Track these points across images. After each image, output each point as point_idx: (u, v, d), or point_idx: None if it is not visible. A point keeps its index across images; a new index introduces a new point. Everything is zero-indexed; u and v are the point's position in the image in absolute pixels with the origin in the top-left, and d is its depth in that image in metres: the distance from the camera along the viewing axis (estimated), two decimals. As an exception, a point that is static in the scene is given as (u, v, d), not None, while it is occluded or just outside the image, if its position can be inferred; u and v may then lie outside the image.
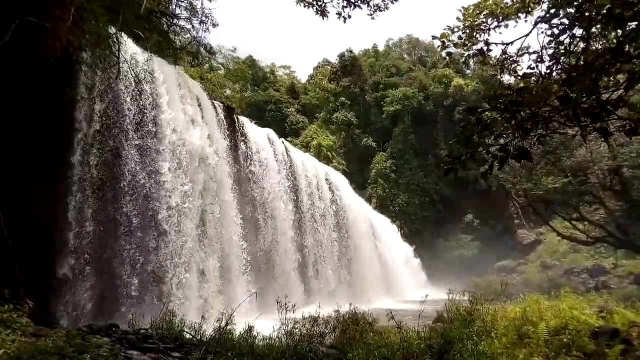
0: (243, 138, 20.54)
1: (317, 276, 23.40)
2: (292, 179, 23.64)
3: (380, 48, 60.69)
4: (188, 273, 13.80)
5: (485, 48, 5.76)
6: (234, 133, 19.78)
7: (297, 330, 7.02)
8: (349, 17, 8.03)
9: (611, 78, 4.27)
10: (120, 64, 10.59)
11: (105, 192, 12.51)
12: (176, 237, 13.70)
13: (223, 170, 17.17)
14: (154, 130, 14.05)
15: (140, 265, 12.80)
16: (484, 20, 5.93)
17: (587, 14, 4.24)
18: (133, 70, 13.12)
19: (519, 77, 5.10)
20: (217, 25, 19.21)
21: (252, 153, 20.73)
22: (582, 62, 4.34)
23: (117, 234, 12.63)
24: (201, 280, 14.49)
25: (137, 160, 13.40)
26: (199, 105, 16.90)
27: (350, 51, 51.50)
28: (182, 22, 18.18)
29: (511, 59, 5.72)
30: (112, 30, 9.78)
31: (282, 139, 25.65)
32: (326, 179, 27.68)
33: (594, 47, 4.66)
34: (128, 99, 13.40)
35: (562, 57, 4.57)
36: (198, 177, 15.25)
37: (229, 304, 13.23)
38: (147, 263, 12.99)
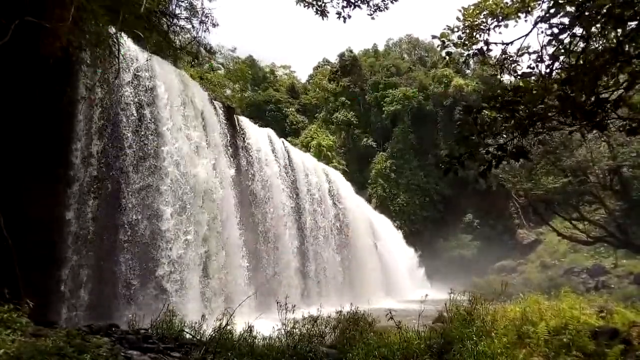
0: (243, 138, 20.57)
1: (317, 276, 23.41)
2: (292, 178, 23.66)
3: (380, 48, 60.63)
4: (188, 273, 13.80)
5: (485, 48, 5.75)
6: (234, 133, 19.81)
7: (297, 330, 7.01)
8: (349, 17, 7.99)
9: (611, 78, 4.27)
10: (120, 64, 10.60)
11: (106, 192, 12.51)
12: (178, 238, 13.69)
13: (225, 172, 17.20)
14: (155, 130, 14.07)
15: (140, 265, 12.80)
16: (484, 20, 5.91)
17: (587, 13, 4.23)
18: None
19: (519, 77, 5.09)
20: (217, 25, 19.25)
21: (252, 153, 20.75)
22: (582, 62, 4.34)
23: (117, 234, 12.64)
24: (202, 280, 14.49)
25: (138, 159, 13.42)
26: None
27: (350, 51, 51.52)
28: (182, 22, 18.23)
29: (511, 58, 5.70)
30: (112, 30, 9.78)
31: (282, 139, 25.67)
32: (326, 179, 27.70)
33: (594, 47, 4.65)
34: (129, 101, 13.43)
35: (562, 57, 4.57)
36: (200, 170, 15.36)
37: (229, 304, 13.23)
38: (148, 262, 12.99)
